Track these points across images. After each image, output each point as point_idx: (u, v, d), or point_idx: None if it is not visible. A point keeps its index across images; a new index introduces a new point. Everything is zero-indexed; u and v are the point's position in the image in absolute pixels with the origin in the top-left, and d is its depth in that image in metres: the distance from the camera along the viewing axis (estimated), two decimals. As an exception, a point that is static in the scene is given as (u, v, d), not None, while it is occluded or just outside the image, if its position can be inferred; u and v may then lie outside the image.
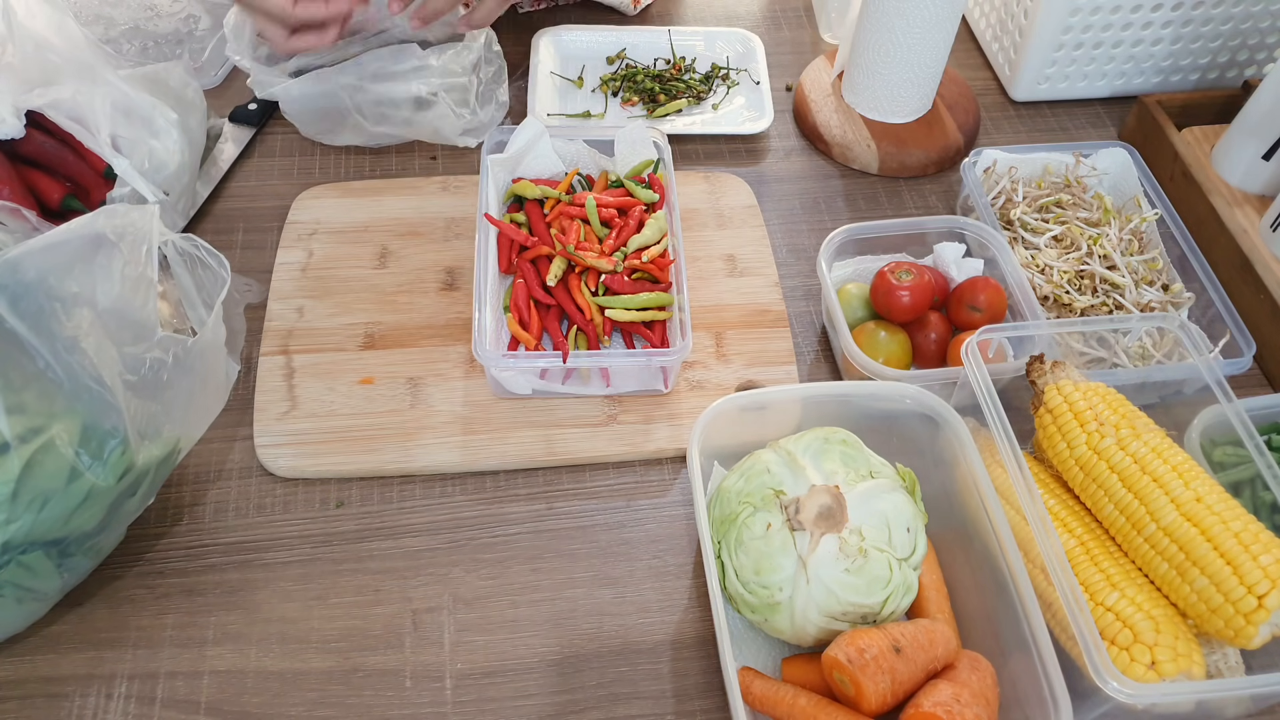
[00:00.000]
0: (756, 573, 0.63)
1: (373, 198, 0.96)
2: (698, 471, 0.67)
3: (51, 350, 0.59)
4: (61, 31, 0.82)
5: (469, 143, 1.01)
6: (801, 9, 1.24)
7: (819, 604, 0.62)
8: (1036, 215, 0.92)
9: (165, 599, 0.71)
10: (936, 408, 0.71)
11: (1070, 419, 0.68)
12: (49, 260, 0.60)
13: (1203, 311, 0.86)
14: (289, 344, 0.84)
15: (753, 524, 0.64)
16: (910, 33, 0.96)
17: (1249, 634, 0.58)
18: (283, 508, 0.77)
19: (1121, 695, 0.56)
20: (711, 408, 0.69)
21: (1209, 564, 0.60)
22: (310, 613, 0.71)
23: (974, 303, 0.83)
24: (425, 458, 0.78)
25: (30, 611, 0.67)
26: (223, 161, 1.00)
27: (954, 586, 0.71)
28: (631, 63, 1.12)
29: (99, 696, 0.67)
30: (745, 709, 0.60)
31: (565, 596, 0.73)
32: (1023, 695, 0.62)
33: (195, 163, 0.92)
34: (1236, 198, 0.94)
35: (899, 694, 0.61)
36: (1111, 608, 0.62)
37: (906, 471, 0.70)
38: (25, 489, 0.59)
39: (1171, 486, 0.63)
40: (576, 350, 0.81)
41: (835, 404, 0.73)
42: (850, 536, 0.63)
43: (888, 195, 1.02)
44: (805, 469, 0.65)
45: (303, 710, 0.67)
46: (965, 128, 1.06)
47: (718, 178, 1.01)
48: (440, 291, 0.89)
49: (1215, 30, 1.05)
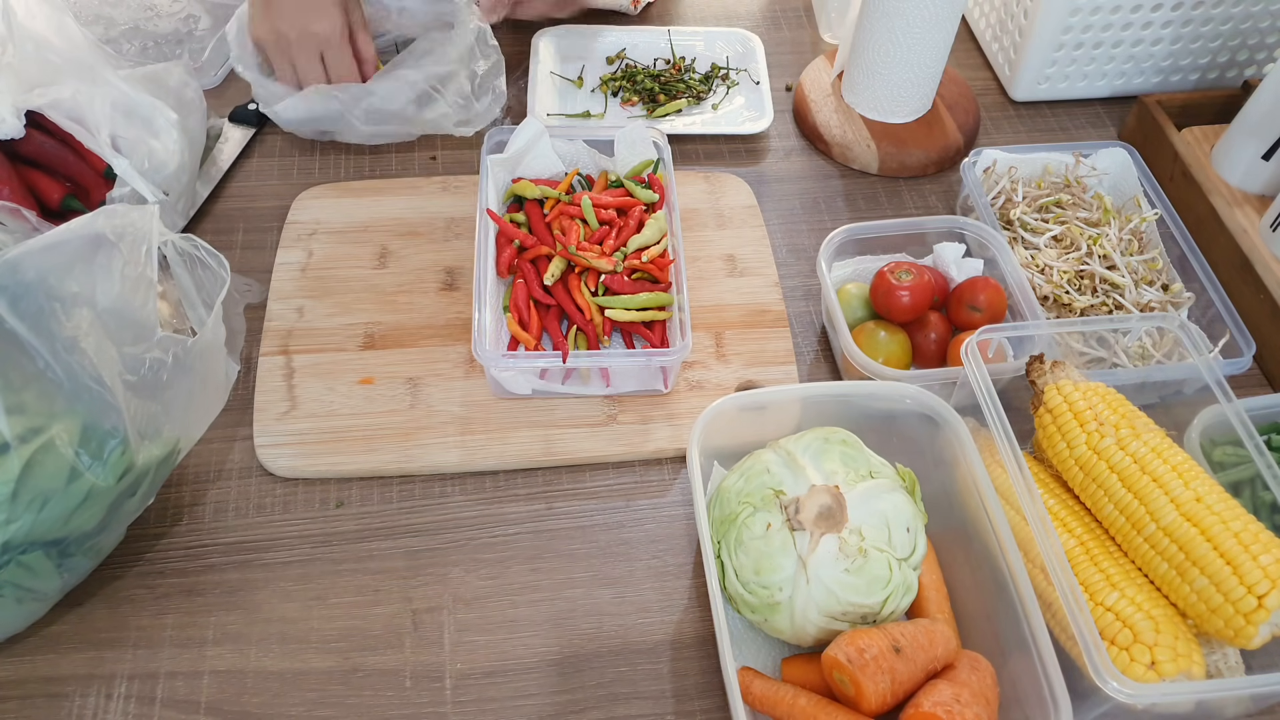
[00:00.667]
0: (756, 573, 0.63)
1: (372, 198, 0.96)
2: (697, 471, 0.67)
3: (51, 350, 0.59)
4: (61, 31, 0.82)
5: (465, 132, 1.00)
6: (801, 9, 1.24)
7: (819, 604, 0.62)
8: (1036, 215, 0.92)
9: (165, 599, 0.72)
10: (936, 408, 0.71)
11: (1070, 419, 0.68)
12: (49, 260, 0.60)
13: (1202, 311, 0.86)
14: (289, 344, 0.84)
15: (753, 524, 0.64)
16: (910, 33, 0.96)
17: (1249, 634, 0.58)
18: (282, 508, 0.77)
19: (1121, 695, 0.56)
20: (711, 408, 0.69)
21: (1209, 564, 0.60)
22: (310, 613, 0.71)
23: (974, 303, 0.83)
24: (425, 458, 0.78)
25: (30, 611, 0.67)
26: (222, 161, 1.00)
27: (954, 586, 0.71)
28: (631, 63, 1.12)
29: (99, 696, 0.67)
30: (745, 709, 0.60)
31: (565, 596, 0.73)
32: (1023, 695, 0.62)
33: (195, 163, 0.92)
34: (1236, 198, 0.94)
35: (899, 694, 0.61)
36: (1111, 608, 0.62)
37: (906, 471, 0.70)
38: (25, 489, 0.59)
39: (1171, 486, 0.63)
40: (576, 350, 0.81)
41: (835, 404, 0.73)
42: (850, 536, 0.63)
43: (888, 195, 1.02)
44: (805, 469, 0.65)
45: (303, 710, 0.67)
46: (965, 128, 1.06)
47: (717, 178, 1.01)
48: (440, 291, 0.89)
49: (1215, 30, 1.05)
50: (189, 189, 0.92)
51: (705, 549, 0.65)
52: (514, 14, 1.09)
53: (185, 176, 0.89)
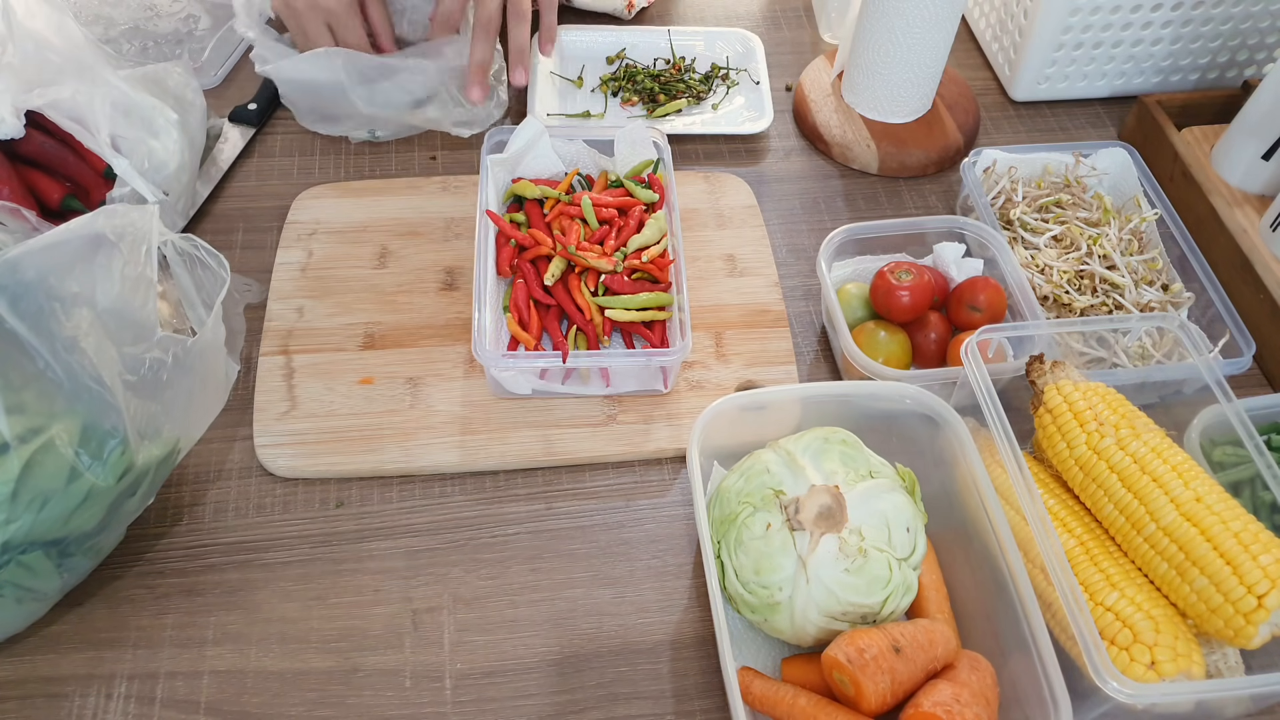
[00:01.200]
0: (756, 573, 0.63)
1: (372, 198, 0.96)
2: (697, 471, 0.67)
3: (51, 350, 0.59)
4: (61, 31, 0.82)
5: (463, 133, 1.01)
6: (801, 9, 1.24)
7: (819, 604, 0.62)
8: (1036, 215, 0.92)
9: (165, 599, 0.71)
10: (936, 408, 0.71)
11: (1070, 419, 0.68)
12: (49, 260, 0.60)
13: (1202, 311, 0.86)
14: (289, 344, 0.84)
15: (752, 524, 0.64)
16: (910, 33, 0.96)
17: (1249, 634, 0.58)
18: (282, 508, 0.77)
19: (1121, 695, 0.56)
20: (711, 407, 0.69)
21: (1209, 564, 0.60)
22: (310, 613, 0.71)
23: (974, 303, 0.83)
24: (425, 458, 0.78)
25: (30, 611, 0.67)
26: (222, 161, 1.00)
27: (954, 586, 0.71)
28: (631, 63, 1.12)
29: (99, 696, 0.67)
30: (745, 709, 0.60)
31: (565, 596, 0.73)
32: (1022, 695, 0.62)
33: (195, 163, 0.92)
34: (1236, 198, 0.94)
35: (899, 694, 0.61)
36: (1111, 608, 0.62)
37: (906, 471, 0.70)
38: (25, 489, 0.59)
39: (1171, 486, 0.63)
40: (576, 350, 0.81)
41: (835, 404, 0.73)
42: (850, 536, 0.63)
43: (887, 195, 1.02)
44: (805, 469, 0.65)
45: (302, 710, 0.67)
46: (965, 128, 1.06)
47: (717, 178, 1.01)
48: (440, 291, 0.89)
49: (1215, 30, 1.05)
50: (189, 189, 0.92)
51: (705, 549, 0.65)
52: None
53: (185, 176, 0.89)
